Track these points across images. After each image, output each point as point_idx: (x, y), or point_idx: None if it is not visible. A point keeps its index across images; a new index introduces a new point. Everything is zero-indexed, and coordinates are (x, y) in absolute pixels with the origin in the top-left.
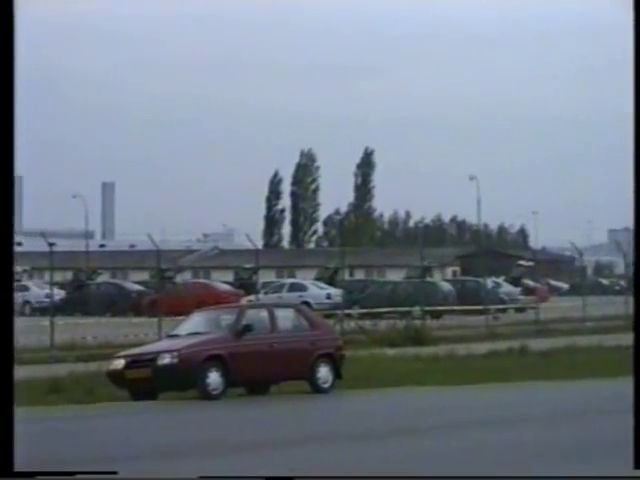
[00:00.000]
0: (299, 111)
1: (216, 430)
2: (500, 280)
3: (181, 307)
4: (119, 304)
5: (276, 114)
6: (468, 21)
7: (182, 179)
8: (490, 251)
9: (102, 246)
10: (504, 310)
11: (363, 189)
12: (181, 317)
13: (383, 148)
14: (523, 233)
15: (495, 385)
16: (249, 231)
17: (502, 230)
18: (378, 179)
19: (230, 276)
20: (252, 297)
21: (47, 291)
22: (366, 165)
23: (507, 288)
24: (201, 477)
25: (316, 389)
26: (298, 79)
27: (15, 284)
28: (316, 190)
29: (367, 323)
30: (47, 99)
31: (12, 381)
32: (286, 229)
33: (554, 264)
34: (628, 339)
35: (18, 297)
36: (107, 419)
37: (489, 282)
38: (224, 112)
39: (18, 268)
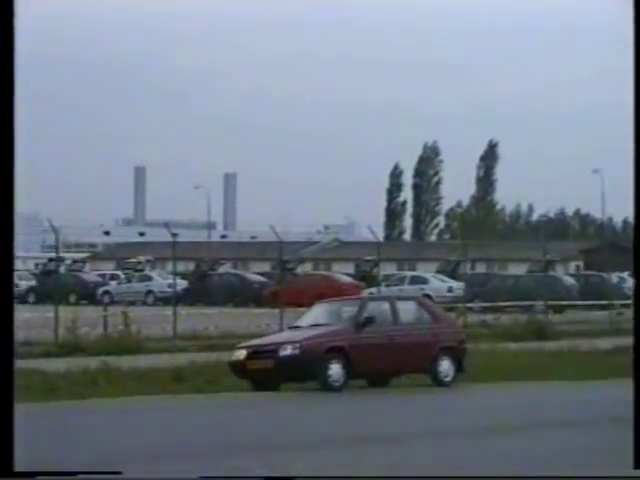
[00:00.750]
0: (422, 105)
1: (338, 423)
2: (625, 275)
3: (302, 298)
4: (240, 295)
5: (400, 109)
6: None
7: (304, 171)
8: (614, 245)
9: (224, 237)
10: (628, 305)
11: (485, 182)
12: (302, 308)
13: (507, 141)
14: None
15: (620, 381)
16: (370, 223)
17: (627, 224)
18: (501, 172)
19: (350, 268)
20: (373, 289)
21: (170, 281)
22: (490, 157)
23: (632, 283)
24: (201, 477)
25: (437, 382)
26: (423, 75)
27: (138, 274)
28: (438, 183)
29: (489, 317)
30: (172, 94)
31: (12, 381)
32: (407, 222)
33: None
34: None
35: (142, 287)
36: (228, 409)
37: (613, 277)
38: (347, 106)
39: (141, 258)
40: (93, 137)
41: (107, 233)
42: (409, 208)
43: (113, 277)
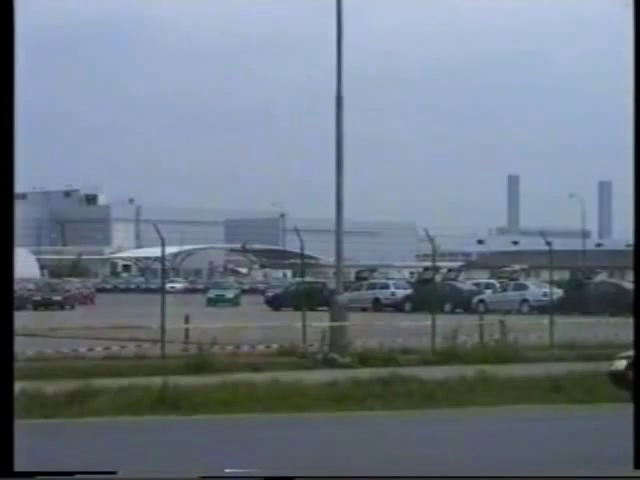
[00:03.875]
0: None
1: None
2: None
3: None
4: (617, 304)
5: None
6: None
7: None
8: None
9: (599, 245)
10: None
11: None
12: None
13: None
14: None
15: None
16: None
17: None
18: None
19: None
20: None
21: (545, 290)
22: None
23: None
24: (201, 477)
25: None
26: None
27: (513, 283)
28: None
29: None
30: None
31: (12, 382)
32: None
33: None
34: None
35: (517, 295)
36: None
37: None
38: None
39: (516, 266)
40: (469, 145)
41: (481, 242)
42: None
43: (488, 286)
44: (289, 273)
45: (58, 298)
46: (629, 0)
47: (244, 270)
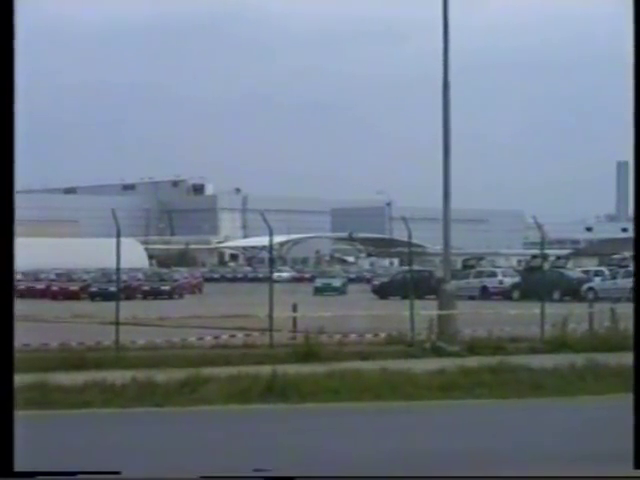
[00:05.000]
0: None
1: None
2: None
3: None
4: None
5: None
6: None
7: None
8: None
9: None
10: None
11: None
12: None
13: None
14: None
15: None
16: None
17: None
18: None
19: None
20: None
21: None
22: None
23: None
24: (202, 477)
25: None
26: None
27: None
28: None
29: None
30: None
31: (12, 381)
32: None
33: None
34: None
35: (626, 283)
36: None
37: None
38: None
39: (626, 254)
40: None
41: (589, 229)
42: None
43: (597, 273)
44: (396, 261)
45: (166, 288)
46: None
47: (351, 259)
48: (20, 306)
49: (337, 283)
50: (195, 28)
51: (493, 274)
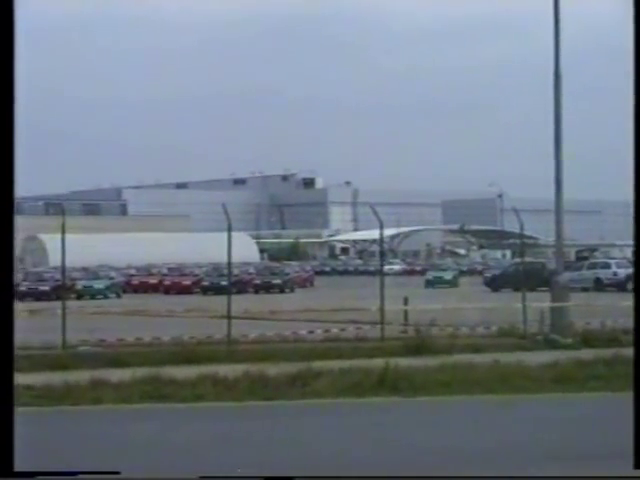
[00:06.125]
0: None
1: None
2: None
3: None
4: None
5: None
6: None
7: None
8: None
9: None
10: None
11: None
12: None
13: None
14: None
15: None
16: None
17: None
18: None
19: None
20: None
21: None
22: None
23: None
24: (201, 477)
25: None
26: None
27: None
28: None
29: None
30: None
31: (12, 380)
32: None
33: None
34: None
35: None
36: None
37: None
38: None
39: None
40: None
41: None
42: None
43: None
44: (508, 253)
45: (278, 281)
46: None
47: (462, 251)
48: (133, 300)
49: (448, 276)
50: (301, 30)
51: (607, 265)
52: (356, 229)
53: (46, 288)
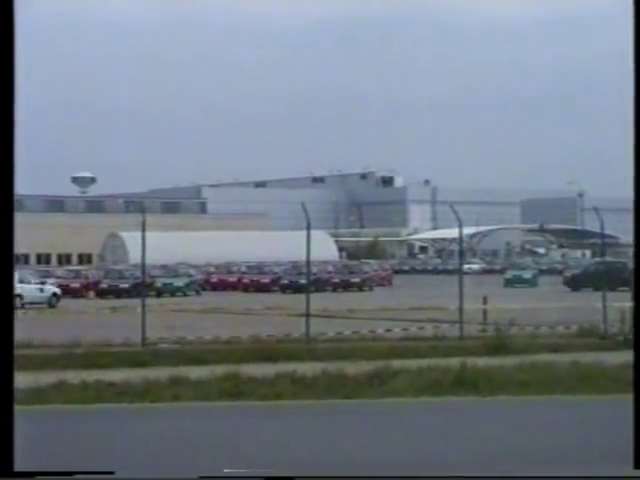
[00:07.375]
0: None
1: None
2: None
3: None
4: None
5: None
6: None
7: None
8: None
9: None
10: None
11: None
12: None
13: None
14: None
15: None
16: None
17: None
18: None
19: None
20: None
21: None
22: None
23: None
24: (201, 477)
25: None
26: None
27: None
28: None
29: None
30: None
31: (12, 380)
32: None
33: None
34: None
35: None
36: None
37: None
38: None
39: None
40: None
41: None
42: None
43: None
44: (588, 253)
45: (356, 280)
46: None
47: (542, 250)
48: (213, 298)
49: (528, 275)
50: (378, 31)
51: None
52: (435, 228)
53: (126, 285)
